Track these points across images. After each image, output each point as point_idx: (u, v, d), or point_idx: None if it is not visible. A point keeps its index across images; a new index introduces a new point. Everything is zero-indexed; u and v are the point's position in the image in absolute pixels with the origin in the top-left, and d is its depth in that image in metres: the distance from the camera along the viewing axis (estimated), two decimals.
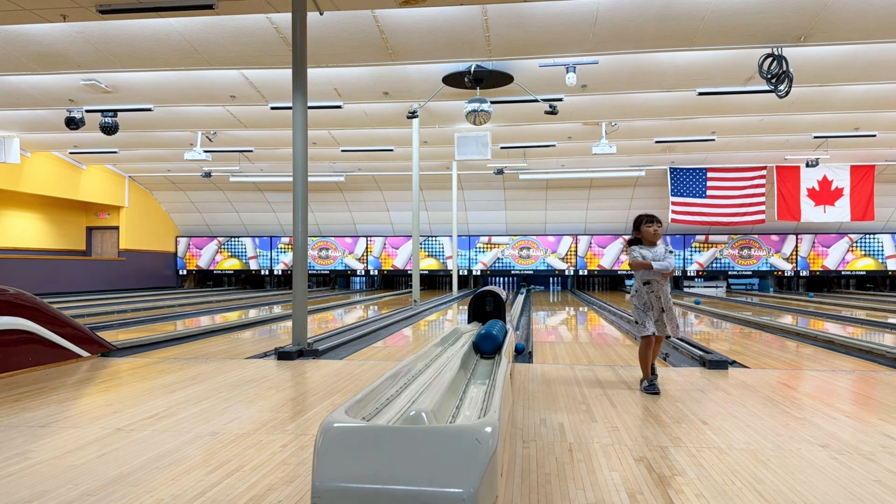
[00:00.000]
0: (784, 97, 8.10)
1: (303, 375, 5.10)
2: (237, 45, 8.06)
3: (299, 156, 6.20)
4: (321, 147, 14.69)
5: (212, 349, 6.67)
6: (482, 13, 7.24)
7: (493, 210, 20.10)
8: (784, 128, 12.91)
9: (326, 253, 21.31)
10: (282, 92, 10.03)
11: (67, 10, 6.94)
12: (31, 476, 2.68)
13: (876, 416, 3.70)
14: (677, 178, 18.03)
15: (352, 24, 7.52)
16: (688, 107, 10.94)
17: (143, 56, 8.43)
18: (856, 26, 7.26)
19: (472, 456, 1.65)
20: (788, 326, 8.63)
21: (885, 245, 19.07)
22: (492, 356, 4.26)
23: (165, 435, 3.28)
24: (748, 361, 5.69)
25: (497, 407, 2.18)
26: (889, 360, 5.78)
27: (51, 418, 3.66)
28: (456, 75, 9.25)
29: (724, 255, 19.72)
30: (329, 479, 1.65)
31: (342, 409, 1.96)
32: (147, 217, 20.47)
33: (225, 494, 2.46)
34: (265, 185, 19.61)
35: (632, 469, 2.76)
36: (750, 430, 3.36)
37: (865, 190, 17.60)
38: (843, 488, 2.52)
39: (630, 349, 6.57)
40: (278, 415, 3.74)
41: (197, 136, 13.52)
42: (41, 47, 8.25)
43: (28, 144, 14.74)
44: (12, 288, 5.24)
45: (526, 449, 3.05)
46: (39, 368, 5.22)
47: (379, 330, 8.48)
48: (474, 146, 11.85)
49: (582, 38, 7.72)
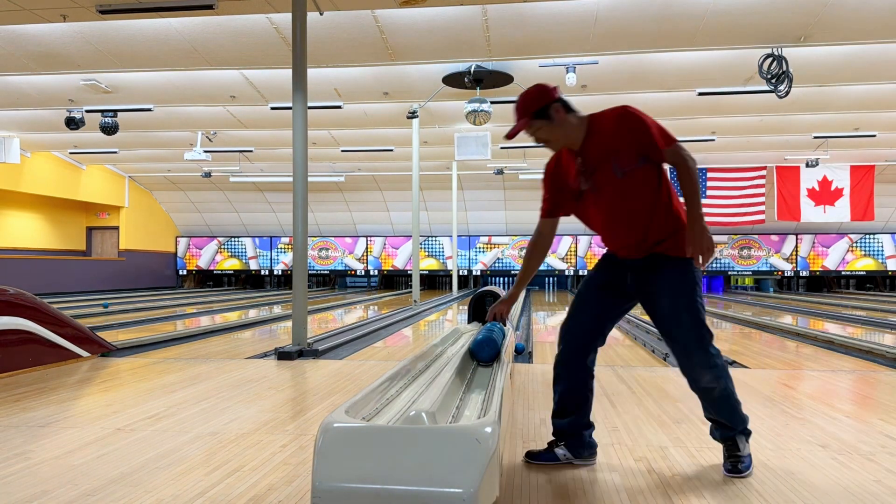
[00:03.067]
0: (784, 97, 8.11)
1: (303, 375, 5.10)
2: (237, 45, 8.06)
3: (299, 156, 6.20)
4: (321, 147, 14.69)
5: (212, 349, 6.67)
6: (482, 13, 7.24)
7: (493, 210, 20.10)
8: (784, 128, 12.91)
9: (326, 253, 21.31)
10: (282, 92, 10.03)
11: (67, 10, 6.94)
12: (31, 476, 2.68)
13: (876, 416, 3.70)
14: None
15: (352, 24, 7.52)
16: (688, 107, 10.94)
17: (143, 56, 8.43)
18: (856, 26, 7.26)
19: (472, 456, 1.65)
20: (788, 326, 8.63)
21: (885, 245, 19.07)
22: (490, 364, 4.21)
23: (165, 435, 3.28)
24: (748, 361, 5.69)
25: (497, 407, 2.18)
26: (889, 360, 5.78)
27: (51, 418, 3.66)
28: (456, 75, 9.25)
29: (724, 255, 19.72)
30: (329, 479, 1.65)
31: (342, 409, 1.95)
32: (147, 217, 20.47)
33: (225, 494, 2.46)
34: (265, 185, 19.61)
35: (632, 469, 2.76)
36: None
37: (865, 190, 17.60)
38: (843, 488, 2.52)
39: (630, 349, 6.57)
40: (278, 415, 3.74)
41: (197, 137, 13.52)
42: (41, 47, 8.25)
43: (28, 144, 14.74)
44: (12, 288, 5.24)
45: (526, 449, 3.05)
46: (39, 368, 5.22)
47: (379, 330, 8.48)
48: (474, 146, 11.85)
49: (582, 39, 7.72)
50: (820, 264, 19.34)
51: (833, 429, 3.40)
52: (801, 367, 5.56)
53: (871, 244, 19.13)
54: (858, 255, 19.20)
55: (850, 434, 3.29)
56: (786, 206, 17.88)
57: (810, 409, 3.87)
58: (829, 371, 5.24)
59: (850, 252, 19.22)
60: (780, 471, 2.73)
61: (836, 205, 17.77)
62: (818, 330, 8.22)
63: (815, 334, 7.59)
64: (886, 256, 19.09)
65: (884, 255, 19.10)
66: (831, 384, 4.69)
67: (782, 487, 2.53)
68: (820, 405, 3.96)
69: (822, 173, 17.56)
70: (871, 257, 19.15)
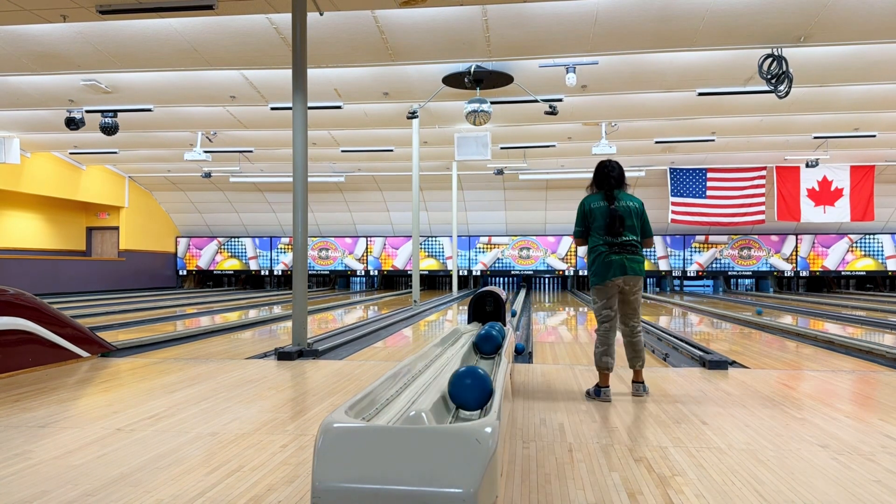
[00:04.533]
0: (784, 97, 8.10)
1: (303, 376, 5.10)
2: (237, 46, 8.06)
3: (299, 156, 6.20)
4: (321, 147, 14.69)
5: (212, 349, 6.67)
6: (482, 13, 7.24)
7: (493, 210, 20.10)
8: (784, 128, 12.91)
9: (326, 253, 21.31)
10: (282, 92, 10.04)
11: (67, 11, 6.94)
12: (31, 476, 2.68)
13: (876, 416, 3.70)
14: (677, 178, 18.03)
15: (352, 24, 7.52)
16: (688, 107, 10.94)
17: (143, 56, 8.43)
18: (856, 26, 7.26)
19: (472, 456, 1.65)
20: (788, 326, 8.63)
21: (884, 245, 19.07)
22: (492, 356, 4.26)
23: (165, 435, 3.28)
24: (748, 361, 5.69)
25: (497, 407, 2.18)
26: (889, 360, 5.78)
27: (51, 418, 3.66)
28: (456, 76, 9.25)
29: (724, 255, 19.72)
30: (329, 480, 1.65)
31: (342, 410, 1.95)
32: (147, 217, 20.47)
33: (225, 494, 2.46)
34: (265, 186, 19.62)
35: (632, 469, 2.76)
36: (750, 431, 3.36)
37: (865, 190, 17.60)
38: (843, 488, 2.52)
39: None
40: (278, 415, 3.74)
41: (197, 137, 13.52)
42: (41, 47, 8.25)
43: (28, 144, 14.74)
44: (12, 288, 5.24)
45: (526, 449, 3.05)
46: (39, 368, 5.22)
47: (379, 330, 8.48)
48: (474, 146, 11.85)
49: (582, 39, 7.72)
50: (820, 264, 19.34)
51: (833, 429, 3.40)
52: (801, 367, 5.56)
53: (871, 244, 19.13)
54: (858, 256, 19.19)
55: (850, 434, 3.29)
56: (786, 207, 17.88)
57: (810, 409, 3.87)
58: (829, 371, 5.24)
59: (850, 252, 19.22)
60: (780, 471, 2.73)
61: (836, 205, 17.77)
62: (818, 330, 8.22)
63: (815, 334, 7.59)
64: (886, 256, 19.09)
65: (884, 256, 19.10)
66: (831, 384, 4.69)
67: (782, 487, 2.53)
68: (820, 405, 3.96)
69: (822, 173, 17.57)
70: (871, 257, 19.15)
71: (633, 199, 4.34)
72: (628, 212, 4.23)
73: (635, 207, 4.29)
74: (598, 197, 4.30)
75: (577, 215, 4.37)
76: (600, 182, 4.33)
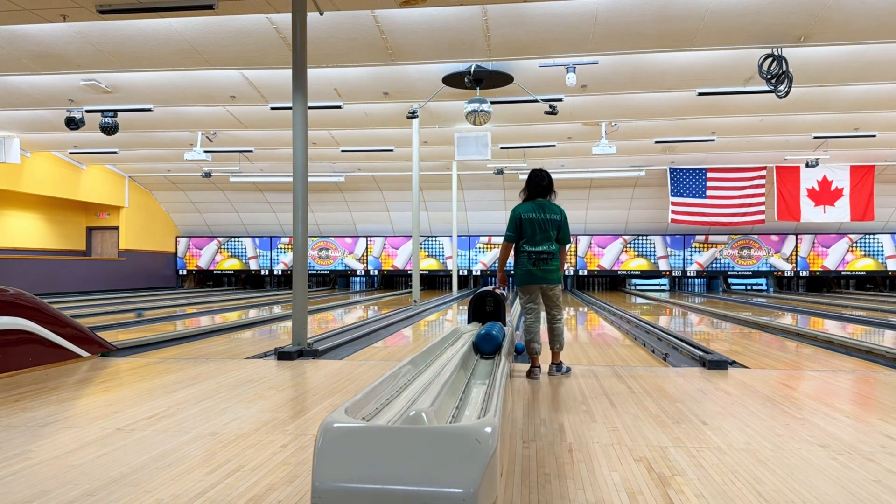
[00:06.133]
0: (784, 97, 8.10)
1: (303, 375, 5.10)
2: (237, 45, 8.06)
3: (299, 156, 6.20)
4: (321, 147, 14.69)
5: (212, 349, 6.67)
6: (482, 13, 7.24)
7: (493, 210, 20.09)
8: (784, 128, 12.91)
9: (326, 253, 21.31)
10: (282, 92, 10.03)
11: (67, 11, 6.94)
12: (31, 476, 2.68)
13: (876, 416, 3.71)
14: (677, 178, 18.03)
15: (352, 24, 7.52)
16: (688, 107, 10.94)
17: (143, 56, 8.43)
18: (856, 26, 7.26)
19: (472, 456, 1.65)
20: (788, 326, 8.63)
21: (884, 245, 19.07)
22: (492, 356, 4.26)
23: (165, 435, 3.28)
24: (748, 361, 5.69)
25: (497, 407, 2.18)
26: (889, 360, 5.78)
27: (51, 418, 3.66)
28: (456, 75, 9.25)
29: (724, 255, 19.72)
30: (329, 480, 1.65)
31: (342, 409, 1.96)
32: (147, 217, 20.46)
33: (225, 494, 2.46)
34: (265, 186, 19.61)
35: (632, 469, 2.76)
36: (750, 431, 3.36)
37: (865, 190, 17.60)
38: (843, 488, 2.52)
39: (630, 349, 6.57)
40: (278, 415, 3.74)
41: (197, 137, 13.52)
42: (41, 47, 8.25)
43: (28, 144, 14.74)
44: (12, 288, 5.24)
45: (526, 449, 3.05)
46: (39, 368, 5.22)
47: (379, 330, 8.48)
48: (474, 146, 11.84)
49: (582, 39, 7.72)
50: (820, 264, 19.34)
51: (833, 429, 3.40)
52: (801, 367, 5.56)
53: (870, 244, 19.13)
54: (858, 256, 19.19)
55: (850, 434, 3.30)
56: (786, 207, 17.88)
57: (810, 409, 3.87)
58: (829, 371, 5.24)
59: (850, 252, 19.22)
60: (780, 471, 2.73)
61: (835, 205, 17.77)
62: (818, 330, 8.22)
63: (815, 334, 7.59)
64: (886, 256, 19.08)
65: (884, 256, 19.10)
66: (831, 384, 4.69)
67: (782, 487, 2.53)
68: (820, 405, 3.96)
69: (822, 173, 17.57)
70: (871, 257, 19.15)
71: (557, 209, 4.91)
72: (552, 223, 4.85)
73: (555, 220, 4.87)
74: (529, 207, 4.87)
75: (510, 221, 4.89)
76: (533, 191, 4.91)
